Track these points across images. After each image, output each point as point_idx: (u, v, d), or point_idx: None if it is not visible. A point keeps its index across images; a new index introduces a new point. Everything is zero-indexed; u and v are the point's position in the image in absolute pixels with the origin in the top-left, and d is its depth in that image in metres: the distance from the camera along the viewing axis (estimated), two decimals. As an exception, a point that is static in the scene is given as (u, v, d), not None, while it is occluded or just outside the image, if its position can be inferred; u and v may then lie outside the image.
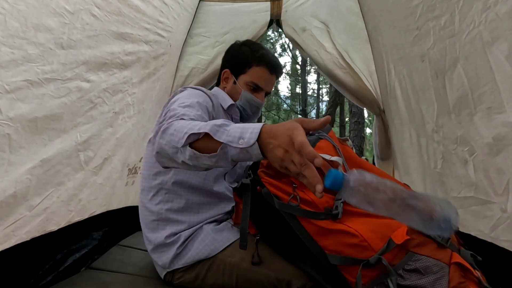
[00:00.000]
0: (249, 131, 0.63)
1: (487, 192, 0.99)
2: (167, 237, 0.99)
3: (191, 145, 0.68)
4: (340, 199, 0.87)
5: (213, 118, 1.03)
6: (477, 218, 1.05)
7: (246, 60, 1.16)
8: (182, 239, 0.98)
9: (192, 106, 0.90)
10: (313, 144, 0.97)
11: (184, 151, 0.68)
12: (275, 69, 1.19)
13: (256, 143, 0.62)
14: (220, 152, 0.65)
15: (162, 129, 0.75)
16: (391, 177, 1.02)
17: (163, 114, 0.91)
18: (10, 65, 0.81)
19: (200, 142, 0.68)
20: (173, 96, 1.00)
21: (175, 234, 0.99)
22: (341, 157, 0.96)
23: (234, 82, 1.18)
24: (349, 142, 1.08)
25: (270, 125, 0.64)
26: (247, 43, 1.22)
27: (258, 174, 0.92)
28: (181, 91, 1.04)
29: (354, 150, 1.02)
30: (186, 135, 0.68)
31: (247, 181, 0.91)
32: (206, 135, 0.66)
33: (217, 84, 1.26)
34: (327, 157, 0.93)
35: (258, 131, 0.62)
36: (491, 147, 0.96)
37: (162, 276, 1.02)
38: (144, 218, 1.06)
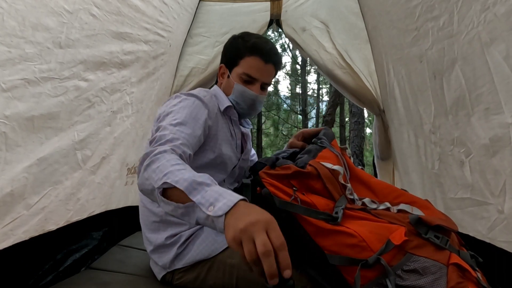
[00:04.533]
0: (224, 201, 0.59)
1: (484, 193, 0.99)
2: (168, 238, 0.99)
3: (165, 189, 0.67)
4: (341, 206, 0.87)
5: (209, 129, 1.01)
6: (474, 219, 1.05)
7: (238, 51, 1.08)
8: (182, 239, 0.98)
9: (184, 124, 0.89)
10: (316, 154, 0.98)
11: (158, 192, 0.67)
12: (270, 57, 1.07)
13: (223, 216, 0.58)
14: (188, 209, 0.63)
15: (146, 163, 0.74)
16: (387, 185, 1.01)
17: (154, 130, 0.89)
18: (7, 63, 0.81)
19: (175, 190, 0.65)
20: (167, 105, 0.97)
21: (176, 234, 0.99)
22: (342, 166, 0.96)
23: (228, 76, 1.11)
24: (348, 151, 1.08)
25: (248, 204, 0.61)
26: (241, 35, 1.13)
27: (259, 174, 0.91)
28: (176, 97, 1.00)
29: (352, 159, 1.01)
30: (162, 181, 0.66)
31: (248, 181, 0.90)
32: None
33: (217, 82, 1.21)
34: (329, 165, 0.93)
35: (232, 204, 0.58)
36: (487, 148, 0.95)
37: (159, 277, 1.02)
38: (145, 219, 1.05)
